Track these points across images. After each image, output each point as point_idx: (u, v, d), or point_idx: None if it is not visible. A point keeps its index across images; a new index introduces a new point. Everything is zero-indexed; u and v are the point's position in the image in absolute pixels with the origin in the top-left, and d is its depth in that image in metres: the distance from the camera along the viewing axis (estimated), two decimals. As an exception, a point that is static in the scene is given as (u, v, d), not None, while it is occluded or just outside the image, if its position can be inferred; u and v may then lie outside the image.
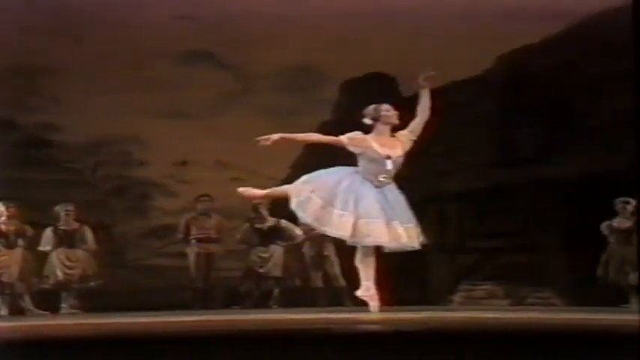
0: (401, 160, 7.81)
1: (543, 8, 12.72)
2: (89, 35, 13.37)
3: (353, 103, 14.53)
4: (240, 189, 8.11)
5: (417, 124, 7.87)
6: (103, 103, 13.29)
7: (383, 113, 7.79)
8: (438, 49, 13.00)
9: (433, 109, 7.85)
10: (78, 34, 13.35)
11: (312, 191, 7.71)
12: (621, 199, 10.40)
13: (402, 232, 7.61)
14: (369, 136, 7.78)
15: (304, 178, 7.87)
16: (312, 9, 13.08)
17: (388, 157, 7.69)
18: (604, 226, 10.39)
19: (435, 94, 7.85)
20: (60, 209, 10.82)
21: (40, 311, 10.35)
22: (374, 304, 7.79)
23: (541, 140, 13.19)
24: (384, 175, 7.71)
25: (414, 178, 13.84)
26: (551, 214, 12.97)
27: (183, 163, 13.52)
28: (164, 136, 13.30)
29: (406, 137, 7.83)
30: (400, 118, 7.89)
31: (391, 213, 7.63)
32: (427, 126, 7.88)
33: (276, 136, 7.73)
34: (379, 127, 7.78)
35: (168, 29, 13.50)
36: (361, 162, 7.78)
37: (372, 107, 7.84)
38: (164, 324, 6.92)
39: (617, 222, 10.38)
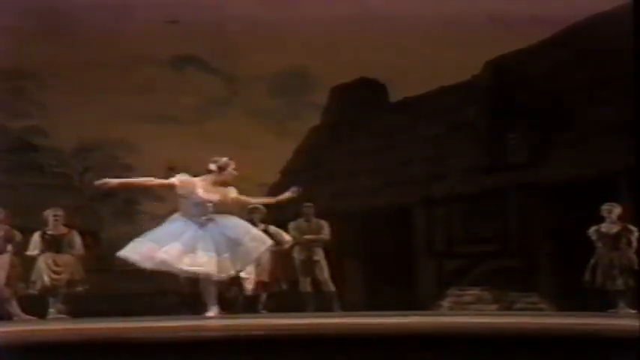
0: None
1: (531, 15, 12.76)
2: (77, 39, 13.35)
3: (342, 108, 14.60)
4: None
5: (246, 200, 8.73)
6: (91, 107, 13.27)
7: (229, 170, 8.41)
8: (427, 55, 13.03)
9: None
10: (66, 39, 13.33)
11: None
12: (607, 204, 10.40)
13: (204, 260, 8.31)
14: (196, 180, 8.36)
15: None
16: (301, 14, 13.08)
17: (209, 202, 8.35)
18: (592, 231, 10.38)
19: (423, 100, 7.88)
20: (49, 214, 10.74)
21: (28, 316, 10.28)
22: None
23: (529, 145, 13.21)
24: (204, 216, 8.33)
25: (402, 183, 13.98)
26: (538, 219, 13.00)
27: (171, 169, 13.48)
28: (152, 141, 13.28)
29: (231, 194, 8.42)
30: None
31: (193, 244, 8.29)
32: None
33: (114, 182, 8.37)
34: (216, 177, 8.37)
35: (158, 34, 13.49)
36: (183, 203, 8.38)
37: (224, 159, 8.41)
38: (151, 329, 6.90)
39: (604, 227, 10.37)
